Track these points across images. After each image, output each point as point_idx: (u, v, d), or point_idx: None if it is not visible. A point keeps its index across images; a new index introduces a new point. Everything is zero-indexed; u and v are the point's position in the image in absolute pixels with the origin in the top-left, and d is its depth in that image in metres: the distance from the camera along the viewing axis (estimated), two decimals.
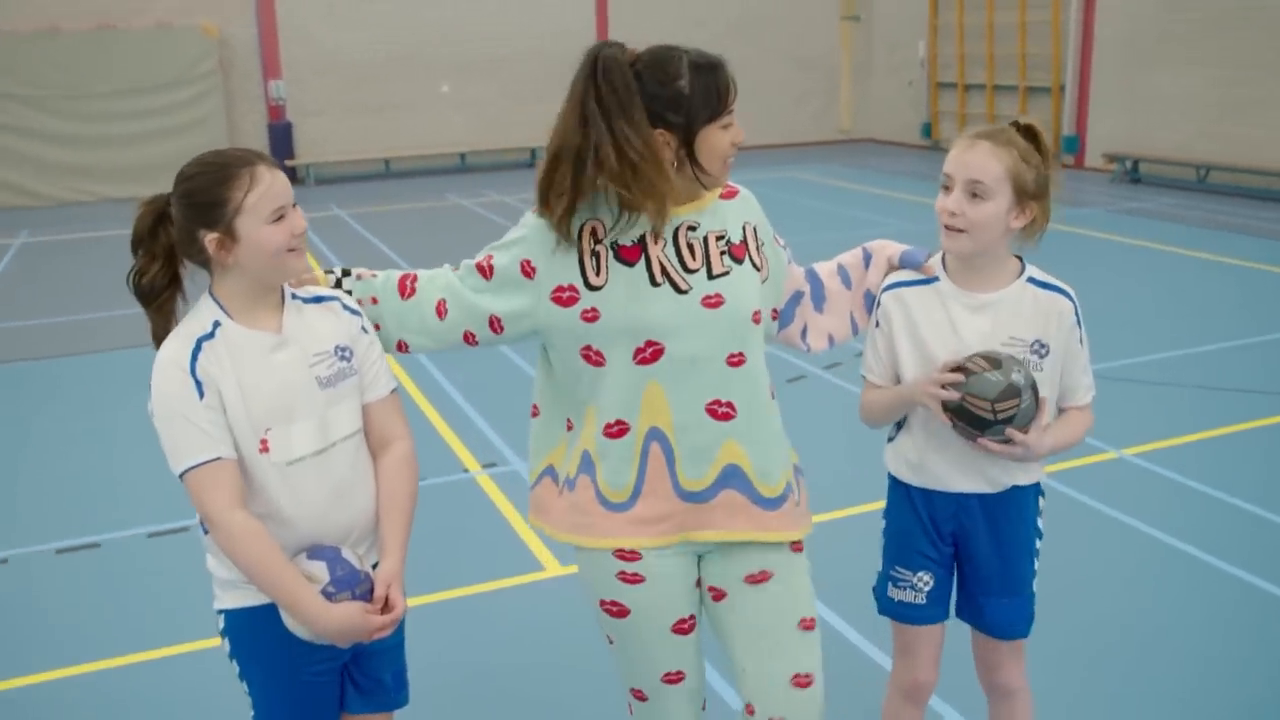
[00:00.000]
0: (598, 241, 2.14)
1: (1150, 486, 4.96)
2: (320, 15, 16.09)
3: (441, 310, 2.26)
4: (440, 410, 6.23)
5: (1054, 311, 2.37)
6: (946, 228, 2.32)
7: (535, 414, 2.37)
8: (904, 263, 2.46)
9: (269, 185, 2.01)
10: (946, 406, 2.26)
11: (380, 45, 16.48)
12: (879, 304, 2.47)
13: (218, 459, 1.98)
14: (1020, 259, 2.43)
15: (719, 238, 2.20)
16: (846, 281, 2.51)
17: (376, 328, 2.28)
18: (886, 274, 2.48)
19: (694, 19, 17.84)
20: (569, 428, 2.29)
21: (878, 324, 2.47)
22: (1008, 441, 2.25)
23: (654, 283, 2.13)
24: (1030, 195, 2.29)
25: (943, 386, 2.25)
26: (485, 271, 2.24)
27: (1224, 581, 4.12)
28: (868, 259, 2.52)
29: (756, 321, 2.22)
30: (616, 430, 2.18)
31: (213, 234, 2.00)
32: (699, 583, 2.30)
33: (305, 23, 16.02)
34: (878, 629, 3.40)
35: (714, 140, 2.14)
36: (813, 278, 2.49)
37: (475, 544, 4.59)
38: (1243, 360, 6.64)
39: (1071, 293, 2.41)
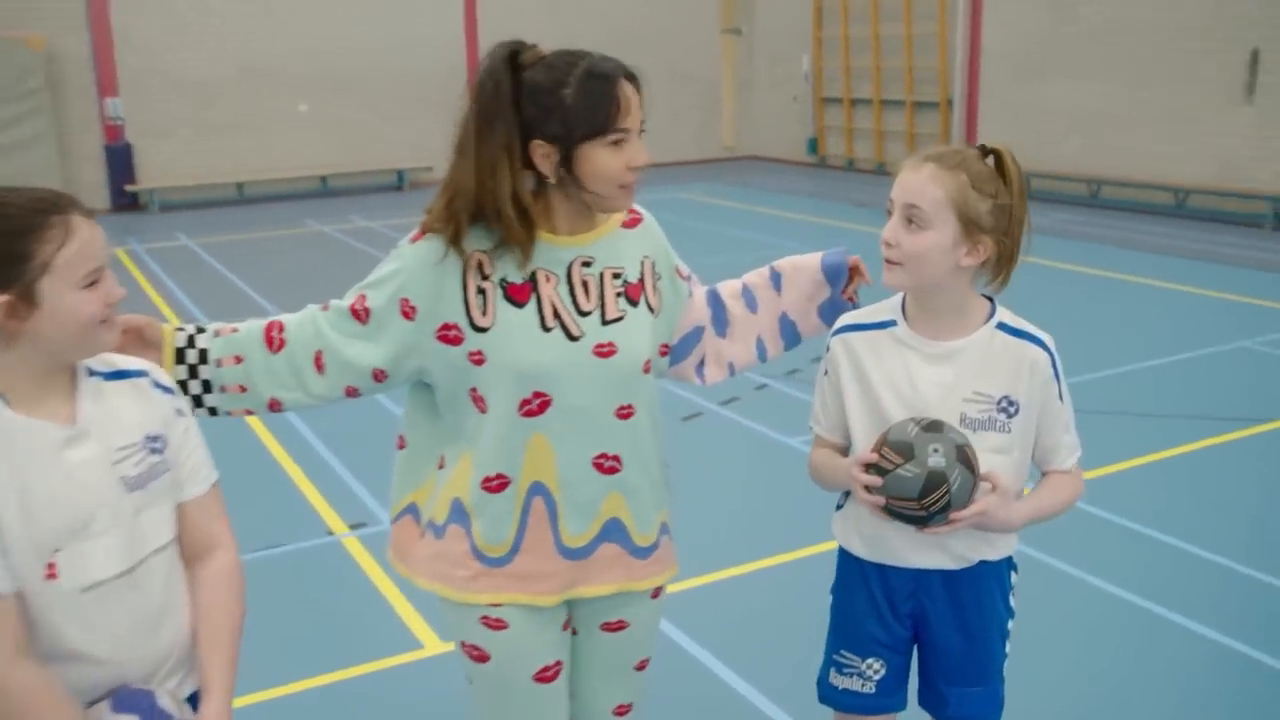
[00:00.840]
0: (484, 277, 2.01)
1: (1075, 524, 4.35)
2: (161, 27, 14.80)
3: (320, 364, 2.10)
4: (301, 463, 5.62)
5: (1025, 362, 2.13)
6: (885, 259, 2.10)
7: (402, 446, 2.23)
8: (829, 273, 2.33)
9: (86, 241, 1.67)
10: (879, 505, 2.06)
11: (230, 59, 15.28)
12: (827, 348, 2.26)
13: None
14: (991, 301, 2.18)
15: (615, 275, 2.10)
16: (752, 304, 2.37)
17: (242, 389, 2.09)
18: (815, 294, 2.35)
19: (569, 32, 17.07)
20: (440, 465, 2.17)
21: (825, 372, 2.27)
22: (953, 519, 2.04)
23: (545, 327, 2.02)
24: (983, 228, 2.05)
25: (866, 488, 2.04)
26: (360, 315, 2.07)
27: (1163, 628, 3.72)
28: (776, 279, 2.37)
29: (647, 371, 2.13)
30: (497, 485, 2.08)
31: (2, 296, 1.61)
32: (566, 624, 2.23)
33: (144, 35, 14.70)
34: (774, 685, 3.50)
35: (599, 160, 1.97)
36: (715, 302, 2.34)
37: (343, 619, 4.15)
38: (1147, 383, 6.50)
39: (1048, 341, 2.16)
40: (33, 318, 1.65)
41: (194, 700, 1.88)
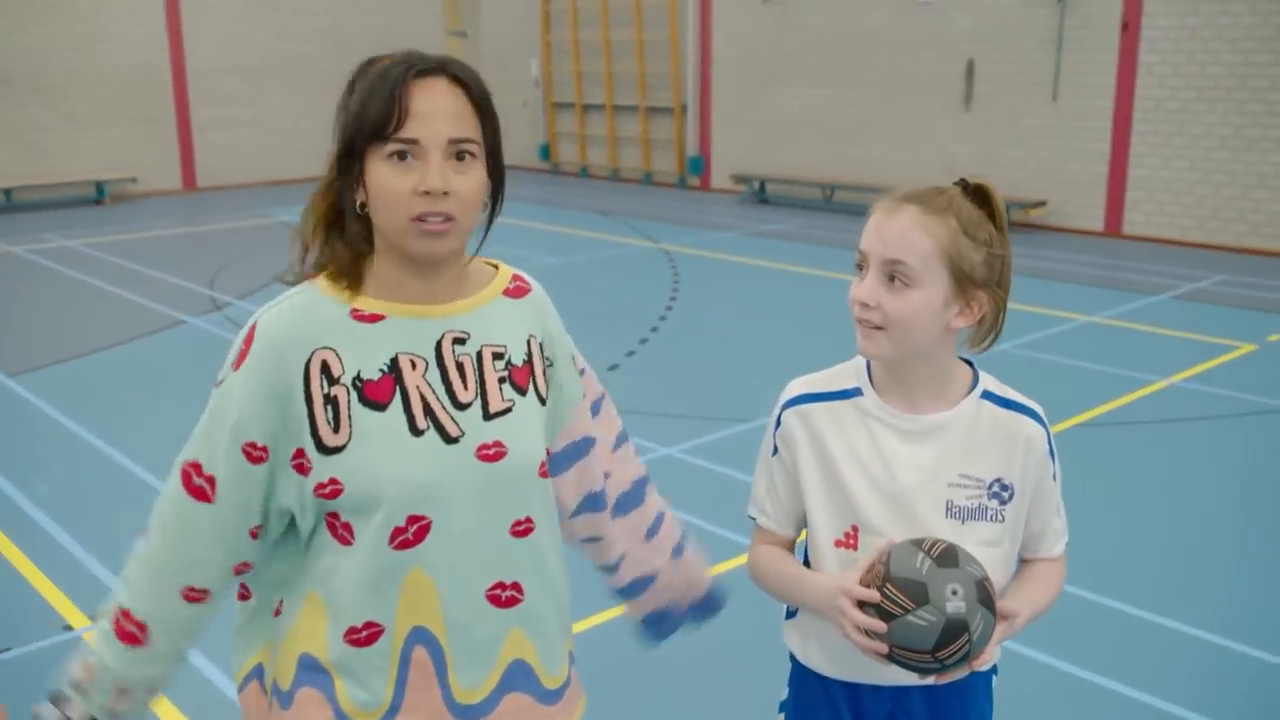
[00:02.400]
0: (333, 381, 1.59)
1: None
2: None
3: (193, 594, 1.66)
4: (21, 545, 4.68)
5: (1019, 439, 1.82)
6: (860, 322, 1.77)
7: (245, 595, 1.77)
8: (703, 603, 2.10)
9: None
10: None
11: None
12: (779, 423, 1.90)
13: None
14: (970, 365, 1.87)
15: (496, 356, 1.70)
16: (653, 532, 2.01)
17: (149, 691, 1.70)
18: (685, 594, 2.07)
19: (280, 30, 16.28)
20: (275, 612, 1.72)
21: (775, 450, 1.91)
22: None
23: (415, 430, 1.60)
24: (977, 283, 1.74)
25: (865, 630, 1.67)
26: (203, 493, 1.62)
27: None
28: (678, 551, 2.05)
29: (544, 475, 1.73)
30: (365, 637, 1.63)
31: None
32: None
33: None
34: None
35: (379, 178, 1.57)
36: (638, 482, 1.98)
37: None
38: None
39: (1040, 412, 1.86)
40: None
41: None
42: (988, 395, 1.83)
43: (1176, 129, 11.00)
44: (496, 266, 1.80)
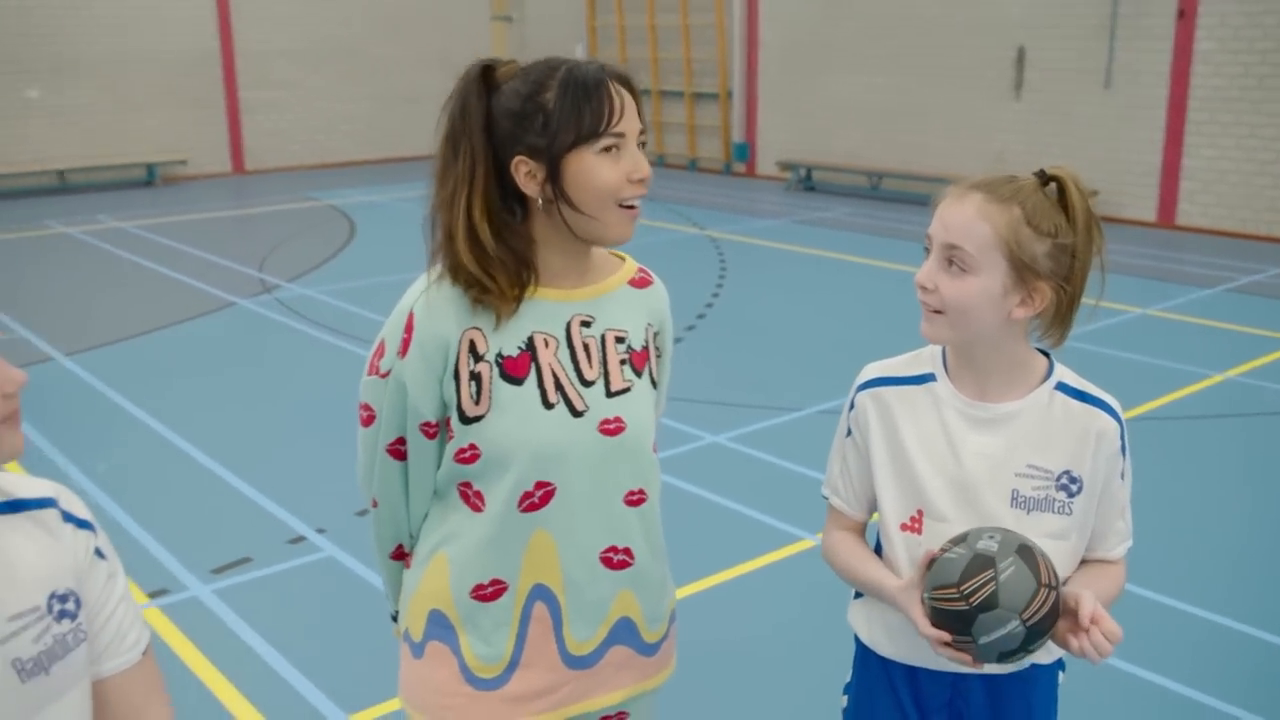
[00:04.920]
0: (478, 359, 1.75)
1: None
2: None
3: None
4: None
5: (1092, 432, 1.80)
6: (922, 304, 1.80)
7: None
8: None
9: None
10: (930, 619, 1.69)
11: None
12: (853, 405, 1.94)
13: None
14: (1047, 356, 1.87)
15: (619, 339, 1.85)
16: None
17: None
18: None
19: (333, 18, 16.39)
20: (405, 565, 1.94)
21: (849, 432, 1.95)
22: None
23: (547, 404, 1.77)
24: (1040, 274, 1.72)
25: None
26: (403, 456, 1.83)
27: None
28: None
29: (655, 453, 1.90)
30: (491, 593, 1.83)
31: None
32: None
33: None
34: None
35: (592, 171, 1.70)
36: None
37: None
38: None
39: (1116, 407, 1.84)
40: None
41: None
42: (1062, 387, 1.83)
43: (1234, 118, 10.82)
44: (623, 258, 1.94)
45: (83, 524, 1.39)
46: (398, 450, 1.82)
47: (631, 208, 1.75)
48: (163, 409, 6.13)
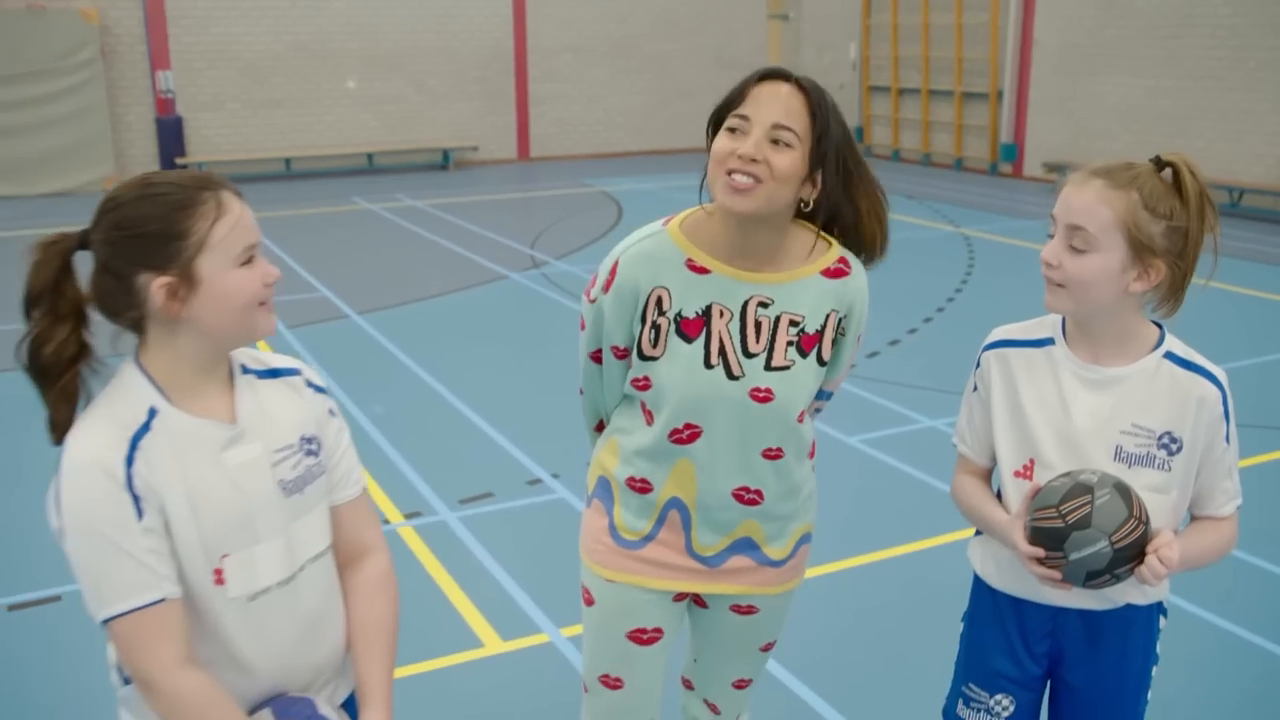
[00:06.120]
0: (661, 313, 2.07)
1: None
2: (213, 1, 14.85)
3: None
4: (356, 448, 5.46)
5: (1194, 398, 1.97)
6: (1046, 279, 1.99)
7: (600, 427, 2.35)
8: None
9: (239, 217, 1.63)
10: (1029, 538, 1.94)
11: (280, 35, 15.32)
12: (978, 364, 2.16)
13: (161, 601, 1.57)
14: (1160, 327, 2.05)
15: (792, 323, 2.07)
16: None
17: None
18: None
19: (616, 15, 17.18)
20: (598, 428, 2.34)
21: (975, 387, 2.17)
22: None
23: (708, 364, 2.06)
24: (1156, 252, 1.90)
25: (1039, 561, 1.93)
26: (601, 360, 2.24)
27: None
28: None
29: (800, 421, 2.13)
30: (640, 487, 2.18)
31: (162, 277, 1.57)
32: (681, 596, 2.28)
33: (196, 9, 14.77)
34: (844, 700, 3.47)
35: (717, 142, 1.98)
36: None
37: (401, 613, 3.96)
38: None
39: (1220, 376, 2.01)
40: (192, 300, 1.60)
41: (348, 705, 1.86)
42: (1170, 356, 2.00)
43: None
44: (830, 243, 2.12)
45: (320, 389, 1.84)
46: (596, 357, 2.20)
47: (731, 178, 1.95)
48: (433, 363, 6.91)
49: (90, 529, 1.55)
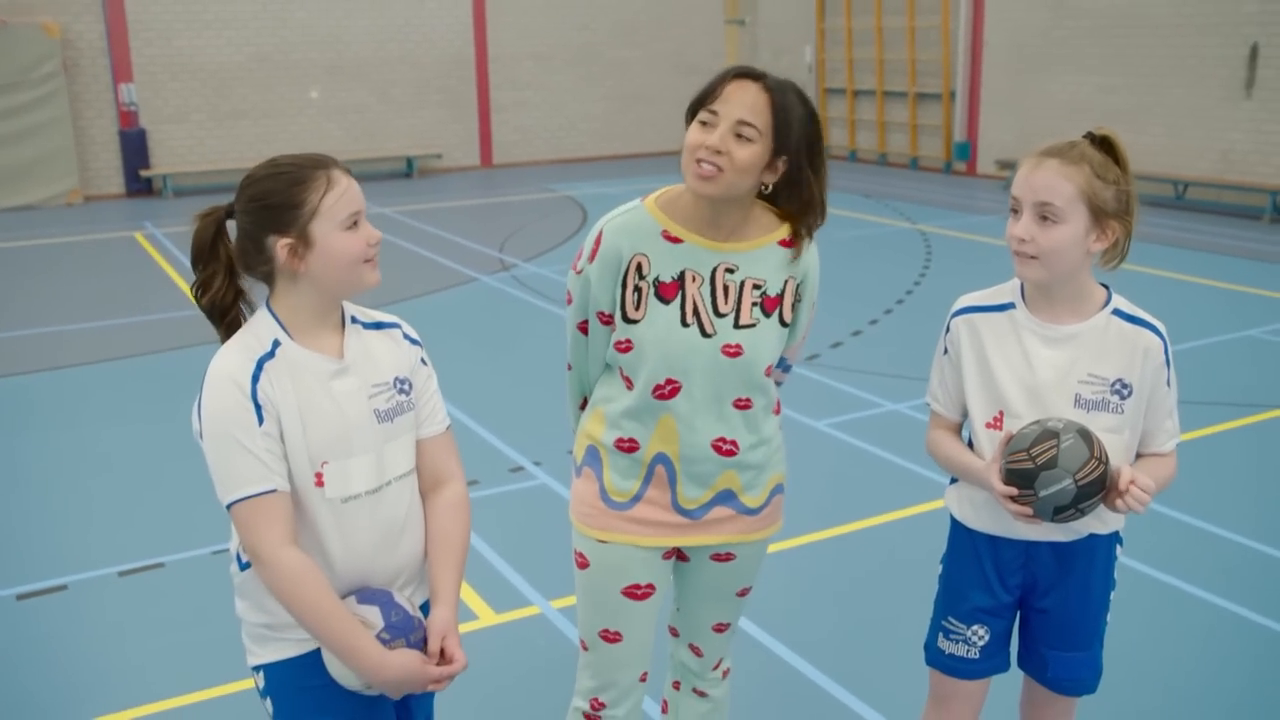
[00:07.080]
0: (641, 278, 2.28)
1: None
2: (175, 14, 14.92)
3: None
4: None
5: (1140, 348, 2.23)
6: (1017, 254, 2.20)
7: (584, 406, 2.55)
8: None
9: (345, 189, 1.98)
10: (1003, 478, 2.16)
11: (243, 46, 15.41)
12: (947, 329, 2.38)
13: (273, 491, 1.92)
14: (1106, 288, 2.30)
15: (755, 286, 2.30)
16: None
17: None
18: None
19: (575, 22, 17.40)
20: (581, 406, 2.52)
21: (945, 350, 2.39)
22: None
23: (684, 323, 2.27)
24: (1110, 214, 2.17)
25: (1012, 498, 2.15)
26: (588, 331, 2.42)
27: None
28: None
29: (768, 374, 2.37)
30: (628, 446, 2.37)
31: (285, 239, 1.94)
32: (669, 554, 2.47)
33: (158, 21, 14.83)
34: (822, 657, 3.69)
35: (689, 133, 2.21)
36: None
37: None
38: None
39: (1161, 328, 2.26)
40: (308, 257, 1.95)
41: (423, 609, 2.12)
42: (1118, 312, 2.25)
43: None
44: (785, 220, 2.36)
45: (414, 341, 2.19)
46: (583, 328, 2.39)
47: (699, 166, 2.17)
48: None
49: (222, 429, 1.90)
